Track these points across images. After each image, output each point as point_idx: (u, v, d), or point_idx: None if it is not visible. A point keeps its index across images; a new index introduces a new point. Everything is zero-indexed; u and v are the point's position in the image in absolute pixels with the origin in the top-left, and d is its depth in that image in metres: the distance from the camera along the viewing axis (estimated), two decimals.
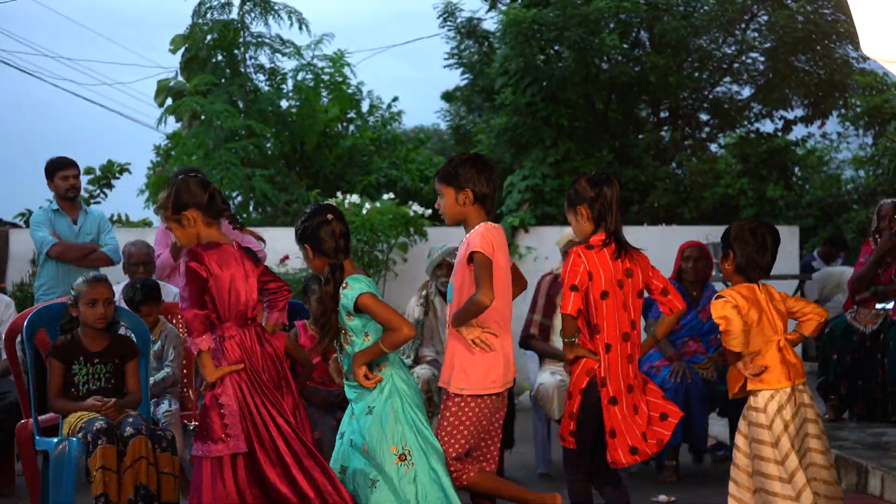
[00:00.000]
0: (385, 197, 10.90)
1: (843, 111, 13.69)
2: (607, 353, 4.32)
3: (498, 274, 4.40)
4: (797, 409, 4.08)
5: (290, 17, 13.48)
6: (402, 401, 4.29)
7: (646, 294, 4.50)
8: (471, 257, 4.37)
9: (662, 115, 14.15)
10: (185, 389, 6.26)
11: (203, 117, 12.66)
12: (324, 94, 14.23)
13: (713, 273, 7.10)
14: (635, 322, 4.41)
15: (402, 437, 4.23)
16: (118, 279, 6.79)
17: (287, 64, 13.90)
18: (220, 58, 13.43)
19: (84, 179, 7.19)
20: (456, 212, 4.52)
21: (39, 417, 5.12)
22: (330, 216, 4.31)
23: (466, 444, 4.45)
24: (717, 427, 7.33)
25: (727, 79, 13.64)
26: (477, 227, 4.47)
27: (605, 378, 4.32)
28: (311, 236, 4.31)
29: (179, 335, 6.18)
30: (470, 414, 4.44)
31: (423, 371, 6.29)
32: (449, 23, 14.28)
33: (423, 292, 6.61)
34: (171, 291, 6.71)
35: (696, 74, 13.43)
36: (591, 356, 4.34)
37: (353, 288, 4.24)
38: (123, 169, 12.59)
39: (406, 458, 4.20)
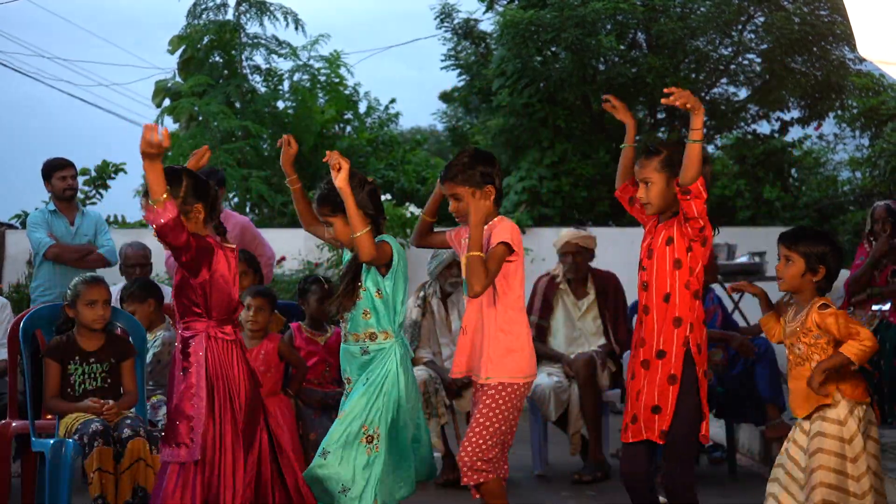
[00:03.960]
0: (382, 198, 10.91)
1: (839, 112, 13.69)
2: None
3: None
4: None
5: (285, 18, 13.48)
6: (397, 388, 4.30)
7: None
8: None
9: (659, 116, 14.15)
10: None
11: (200, 118, 12.65)
12: (320, 95, 14.22)
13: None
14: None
15: (376, 422, 4.25)
16: (115, 280, 6.78)
17: (283, 65, 13.90)
18: (217, 59, 13.43)
19: (79, 180, 7.17)
20: (486, 212, 4.36)
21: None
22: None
23: (497, 439, 4.33)
24: (713, 428, 7.32)
25: (724, 80, 13.66)
26: (497, 220, 4.40)
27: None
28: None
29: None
30: (501, 404, 4.33)
31: (420, 373, 6.27)
32: (446, 24, 14.28)
33: (421, 293, 6.59)
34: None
35: (693, 76, 13.43)
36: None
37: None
38: (119, 169, 12.55)
39: (372, 442, 4.24)
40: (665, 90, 4.23)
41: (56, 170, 7.19)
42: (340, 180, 4.17)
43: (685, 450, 4.27)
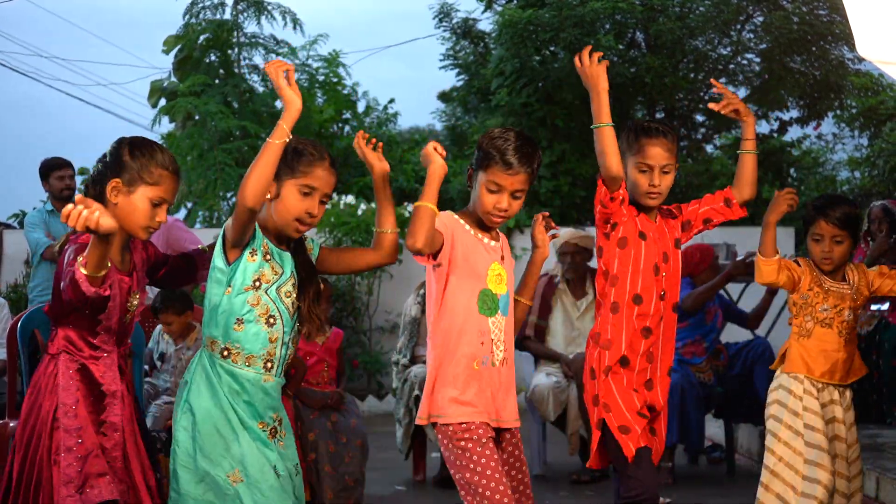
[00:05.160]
0: None
1: (838, 112, 13.68)
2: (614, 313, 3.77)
3: None
4: None
5: (283, 17, 13.46)
6: None
7: None
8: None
9: (658, 116, 14.13)
10: None
11: (197, 118, 12.64)
12: (319, 94, 14.20)
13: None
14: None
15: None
16: None
17: None
18: (213, 58, 13.41)
19: (77, 180, 7.17)
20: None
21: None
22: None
23: None
24: (712, 428, 7.33)
25: (723, 80, 13.63)
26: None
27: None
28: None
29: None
30: None
31: (420, 370, 6.29)
32: (444, 23, 14.27)
33: (420, 291, 6.61)
34: None
35: (692, 75, 13.42)
36: None
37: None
38: None
39: None
40: (716, 90, 3.93)
41: (54, 169, 7.18)
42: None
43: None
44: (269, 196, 3.25)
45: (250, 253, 3.22)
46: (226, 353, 3.23)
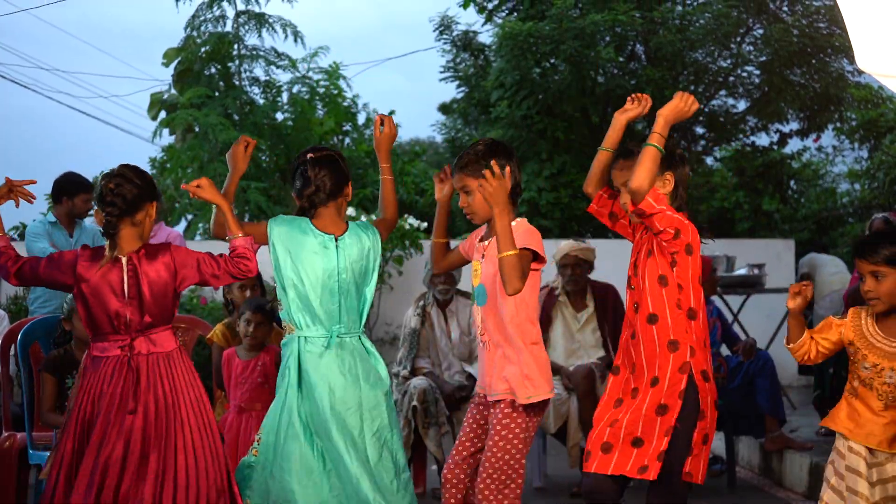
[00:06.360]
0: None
1: (838, 125, 13.70)
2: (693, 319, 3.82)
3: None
4: None
5: (284, 30, 13.48)
6: (293, 389, 4.00)
7: None
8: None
9: None
10: None
11: (197, 130, 12.65)
12: (319, 106, 14.21)
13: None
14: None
15: (265, 426, 4.06)
16: None
17: (282, 77, 13.90)
18: (213, 71, 13.43)
19: None
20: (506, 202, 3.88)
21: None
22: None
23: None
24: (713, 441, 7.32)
25: (723, 92, 13.66)
26: (517, 221, 4.04)
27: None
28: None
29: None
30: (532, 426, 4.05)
31: (419, 382, 6.28)
32: (445, 36, 14.31)
33: (420, 303, 6.60)
34: None
35: (692, 88, 13.44)
36: None
37: None
38: None
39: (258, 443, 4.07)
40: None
41: (84, 192, 7.05)
42: None
43: (675, 490, 3.86)
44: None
45: None
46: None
